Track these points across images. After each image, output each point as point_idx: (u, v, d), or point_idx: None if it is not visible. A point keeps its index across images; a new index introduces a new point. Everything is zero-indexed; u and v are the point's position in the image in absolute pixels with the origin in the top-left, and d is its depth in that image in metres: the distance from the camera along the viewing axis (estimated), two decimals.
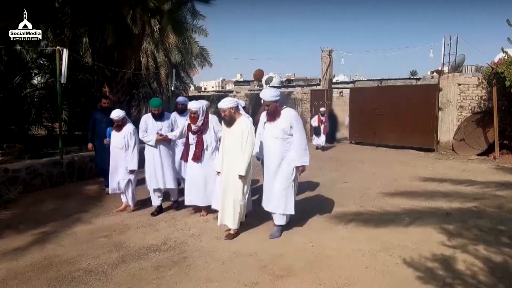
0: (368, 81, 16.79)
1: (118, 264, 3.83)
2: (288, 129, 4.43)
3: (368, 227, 4.78)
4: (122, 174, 5.55)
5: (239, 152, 4.39)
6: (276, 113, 4.49)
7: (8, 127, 10.79)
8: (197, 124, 5.12)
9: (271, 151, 4.54)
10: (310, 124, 15.16)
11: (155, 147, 5.43)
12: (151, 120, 5.52)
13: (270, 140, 4.54)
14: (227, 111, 4.49)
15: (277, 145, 4.47)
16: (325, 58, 15.56)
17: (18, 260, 3.95)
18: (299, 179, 4.94)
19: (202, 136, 5.15)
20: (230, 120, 4.52)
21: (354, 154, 11.74)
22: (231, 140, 4.49)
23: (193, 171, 5.23)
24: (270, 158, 4.56)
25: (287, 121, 4.44)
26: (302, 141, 4.46)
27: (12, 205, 5.97)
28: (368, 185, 7.20)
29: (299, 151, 4.43)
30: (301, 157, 4.45)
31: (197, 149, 5.14)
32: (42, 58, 12.59)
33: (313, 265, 3.71)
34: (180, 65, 17.80)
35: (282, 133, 4.44)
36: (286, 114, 4.50)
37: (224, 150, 4.61)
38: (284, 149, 4.46)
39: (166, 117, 5.65)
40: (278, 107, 4.50)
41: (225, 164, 4.54)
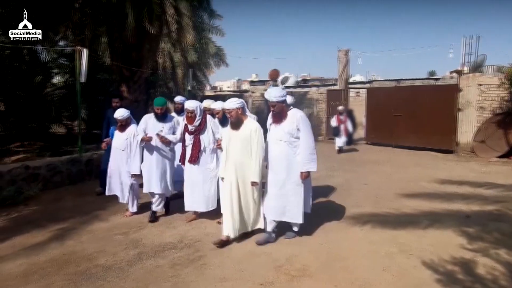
0: (385, 81, 16.62)
1: (135, 261, 3.87)
2: (295, 131, 4.13)
3: (385, 229, 4.72)
4: (126, 178, 5.36)
5: (248, 157, 4.18)
6: (282, 114, 4.20)
7: (29, 125, 11.04)
8: (194, 124, 4.83)
9: (277, 156, 4.22)
10: (327, 125, 15.09)
11: (153, 149, 5.15)
12: (152, 120, 5.21)
13: (275, 144, 4.23)
14: (234, 111, 4.22)
15: (282, 149, 4.18)
16: (341, 58, 15.45)
17: (38, 255, 4.03)
18: (313, 182, 4.83)
19: (200, 136, 4.85)
20: (237, 122, 4.25)
21: (371, 155, 11.61)
22: (238, 143, 4.22)
23: (191, 174, 4.93)
24: (275, 162, 4.24)
25: (294, 122, 4.14)
26: (309, 144, 4.14)
27: (33, 201, 6.10)
28: (384, 187, 7.11)
29: (305, 155, 4.12)
30: (307, 162, 4.12)
31: (194, 150, 4.84)
32: (62, 57, 12.86)
33: (329, 266, 3.69)
34: (196, 65, 17.90)
35: (288, 136, 4.14)
36: (293, 115, 4.20)
37: (229, 155, 4.32)
38: (291, 153, 4.16)
39: (169, 118, 5.33)
40: (284, 108, 4.21)
41: (232, 170, 4.25)
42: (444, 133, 11.78)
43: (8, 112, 11.26)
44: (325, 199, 6.23)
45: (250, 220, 4.34)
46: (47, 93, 12.20)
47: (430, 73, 40.60)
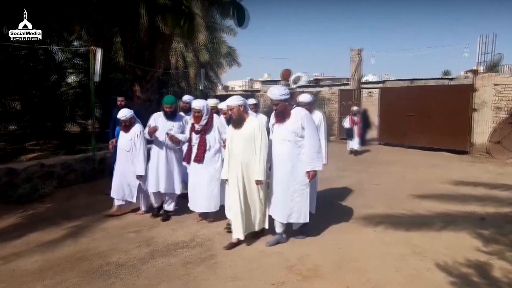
0: (398, 81, 16.44)
1: (147, 259, 3.90)
2: (300, 130, 4.04)
3: (397, 230, 4.67)
4: (132, 179, 5.29)
5: (252, 155, 4.09)
6: (285, 113, 4.10)
7: (44, 124, 11.22)
8: (201, 124, 4.81)
9: (281, 156, 4.12)
10: (339, 125, 15.01)
11: (162, 148, 5.12)
12: (161, 119, 5.16)
13: (280, 143, 4.13)
14: (236, 108, 4.15)
15: (287, 149, 4.08)
16: (354, 57, 15.34)
17: (53, 252, 4.10)
18: (324, 182, 4.81)
19: (205, 136, 4.83)
20: (238, 120, 4.17)
21: (383, 155, 11.51)
22: (241, 142, 4.13)
23: (195, 174, 4.90)
24: (280, 163, 4.14)
25: (298, 121, 4.04)
26: (314, 143, 4.06)
27: (48, 199, 6.20)
28: (397, 187, 7.04)
29: (311, 154, 4.03)
30: (313, 161, 4.04)
31: (199, 150, 4.82)
32: (77, 57, 13.03)
33: (341, 267, 3.66)
34: (208, 65, 17.97)
35: (293, 135, 4.04)
36: (297, 114, 4.10)
37: (232, 155, 4.23)
38: (296, 153, 4.07)
39: (178, 117, 5.30)
40: (287, 107, 4.12)
41: (237, 170, 4.16)
42: (458, 133, 11.61)
43: (24, 111, 11.46)
44: (336, 200, 6.18)
45: (257, 219, 4.27)
46: (62, 92, 12.38)
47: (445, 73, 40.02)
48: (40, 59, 11.57)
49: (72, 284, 3.38)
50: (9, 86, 10.83)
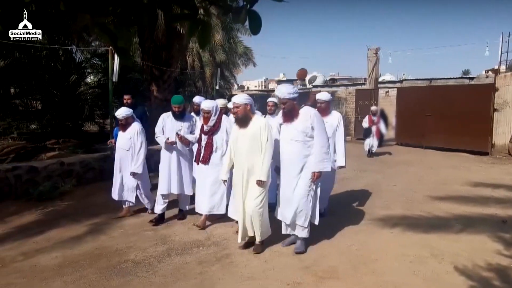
0: (417, 80, 16.17)
1: (163, 257, 3.94)
2: (309, 130, 3.89)
3: (415, 232, 4.59)
4: (131, 179, 5.17)
5: (258, 156, 3.92)
6: (293, 113, 3.96)
7: (64, 123, 11.44)
8: (209, 124, 4.74)
9: (290, 156, 3.97)
10: (355, 125, 14.88)
11: (172, 149, 5.02)
12: (170, 119, 5.07)
13: (288, 144, 3.97)
14: (242, 106, 4.00)
15: (296, 149, 3.92)
16: (371, 56, 15.18)
17: (72, 249, 4.18)
18: (341, 182, 4.75)
19: (213, 137, 4.75)
20: (244, 119, 4.03)
21: (401, 156, 11.34)
22: (246, 142, 3.98)
23: (201, 175, 4.84)
24: (288, 164, 3.99)
25: (307, 121, 3.90)
26: (324, 143, 3.90)
27: (67, 196, 6.32)
28: (415, 189, 6.93)
29: (320, 154, 3.86)
30: (321, 161, 3.86)
31: (206, 151, 4.75)
32: (95, 58, 13.25)
33: (357, 269, 3.63)
34: (224, 64, 18.06)
35: (302, 135, 3.90)
36: (306, 113, 3.96)
37: (236, 155, 4.11)
38: (305, 154, 3.91)
39: (187, 117, 5.18)
40: (295, 106, 3.98)
41: (241, 171, 4.02)
42: (478, 134, 11.36)
43: (45, 110, 11.71)
44: (353, 200, 6.12)
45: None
46: (81, 92, 12.59)
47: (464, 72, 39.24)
48: (61, 59, 11.80)
49: (91, 280, 3.44)
50: (31, 86, 11.09)
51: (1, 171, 5.98)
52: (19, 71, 10.49)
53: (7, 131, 11.22)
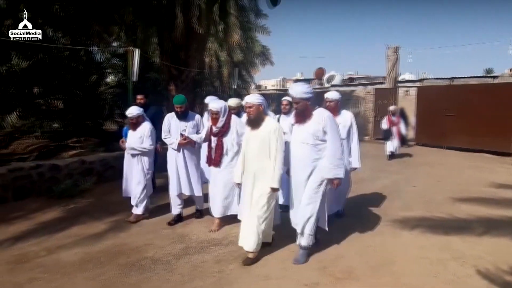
0: (437, 79, 15.83)
1: (181, 255, 3.98)
2: (321, 133, 3.70)
3: (436, 234, 4.51)
4: (137, 178, 5.13)
5: (265, 160, 3.78)
6: (306, 114, 3.78)
7: (85, 122, 11.67)
8: (218, 126, 4.57)
9: (299, 159, 3.79)
10: (373, 124, 14.70)
11: (179, 150, 4.94)
12: (174, 120, 4.99)
13: (298, 146, 3.80)
14: (254, 107, 3.84)
15: (306, 152, 3.74)
16: (390, 55, 14.97)
17: (92, 245, 4.26)
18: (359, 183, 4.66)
19: (223, 139, 4.59)
20: (256, 120, 3.87)
21: (421, 156, 11.13)
22: (256, 145, 3.84)
23: (212, 178, 4.75)
24: (298, 167, 3.81)
25: (320, 124, 3.70)
26: (336, 148, 3.69)
27: (87, 194, 6.45)
28: (435, 190, 6.79)
29: (332, 160, 3.67)
30: (334, 168, 3.66)
31: (216, 154, 4.60)
32: (115, 58, 13.48)
33: (376, 270, 3.58)
34: (242, 64, 18.08)
35: (312, 138, 3.71)
36: (319, 115, 3.76)
37: (246, 157, 3.97)
38: (315, 157, 3.72)
39: (190, 116, 5.06)
40: (308, 106, 3.78)
41: (250, 174, 3.90)
42: (501, 134, 11.06)
43: (66, 109, 11.98)
44: (372, 201, 6.05)
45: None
46: (101, 92, 12.82)
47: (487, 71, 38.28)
48: (82, 60, 12.04)
49: (110, 276, 3.50)
50: (53, 86, 11.35)
51: (25, 168, 6.15)
52: (42, 71, 10.76)
53: (31, 130, 11.51)
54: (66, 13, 10.63)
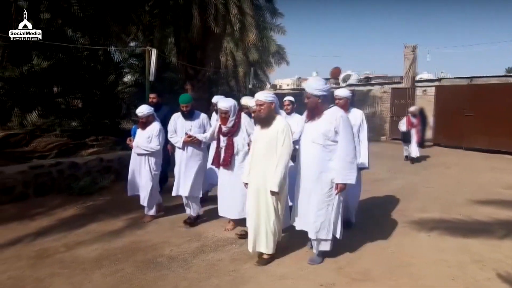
0: (456, 78, 15.53)
1: (197, 253, 4.01)
2: (332, 133, 3.51)
3: (454, 236, 4.43)
4: (144, 179, 5.06)
5: (272, 161, 3.63)
6: (315, 111, 3.60)
7: (103, 121, 11.87)
8: (227, 125, 4.43)
9: (308, 159, 3.63)
10: (390, 124, 14.53)
11: (183, 150, 4.87)
12: (180, 119, 4.92)
13: (308, 145, 3.63)
14: (266, 105, 3.66)
15: (315, 152, 3.57)
16: (408, 54, 14.76)
17: (110, 242, 4.33)
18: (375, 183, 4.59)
19: (233, 138, 4.45)
20: (267, 119, 3.69)
21: (438, 157, 10.95)
22: (264, 145, 3.69)
23: (222, 179, 4.59)
24: (305, 167, 3.65)
25: (332, 123, 3.51)
26: (348, 151, 3.50)
27: (106, 191, 6.55)
28: (454, 191, 6.67)
29: (344, 164, 3.48)
30: (345, 172, 3.48)
31: (227, 154, 4.44)
32: (133, 57, 13.67)
33: (393, 272, 3.54)
34: (257, 63, 18.11)
35: (322, 138, 3.53)
36: (332, 114, 3.56)
37: (254, 158, 3.83)
38: (325, 159, 3.54)
39: (196, 116, 4.97)
40: (319, 104, 3.58)
41: (256, 175, 3.75)
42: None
43: (85, 108, 12.20)
44: (388, 202, 5.99)
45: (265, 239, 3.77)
46: (119, 91, 13.02)
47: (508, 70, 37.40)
48: (100, 59, 12.25)
49: (128, 273, 3.55)
50: (72, 85, 11.58)
51: (45, 166, 6.29)
52: (62, 71, 10.98)
53: (51, 128, 11.77)
54: (85, 14, 10.82)
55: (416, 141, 9.78)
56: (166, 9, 10.38)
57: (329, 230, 3.60)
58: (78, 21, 11.04)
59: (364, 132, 4.61)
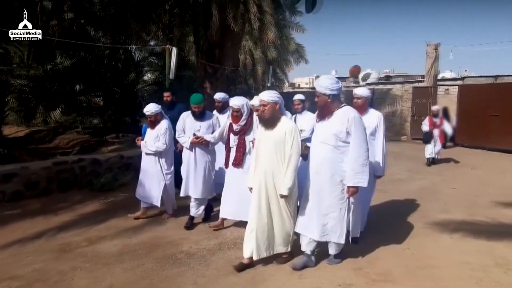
0: (480, 77, 15.15)
1: (216, 250, 4.03)
2: (344, 134, 3.36)
3: (478, 239, 4.32)
4: (156, 180, 4.96)
5: (279, 164, 3.50)
6: (325, 111, 3.47)
7: (123, 119, 12.08)
8: (240, 124, 4.32)
9: (319, 161, 3.48)
10: (411, 124, 14.29)
11: (191, 150, 4.77)
12: (189, 119, 4.82)
13: (318, 146, 3.49)
14: (269, 106, 3.51)
15: (326, 154, 3.43)
16: (430, 52, 14.49)
17: (130, 238, 4.39)
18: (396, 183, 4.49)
19: (245, 137, 4.33)
20: (271, 119, 3.55)
21: (461, 157, 10.66)
22: (269, 147, 3.55)
23: (232, 179, 4.42)
24: (317, 169, 3.50)
25: (344, 124, 3.36)
26: (360, 153, 3.36)
27: (126, 188, 6.64)
28: (478, 193, 6.50)
29: (355, 166, 3.35)
30: (356, 174, 3.34)
31: (238, 153, 4.34)
32: (152, 56, 13.85)
33: (413, 273, 3.48)
34: (276, 62, 18.07)
35: (334, 139, 3.39)
36: (344, 115, 3.41)
37: (258, 160, 3.67)
38: (337, 160, 3.41)
39: (207, 116, 4.87)
40: (329, 103, 3.44)
41: (259, 178, 3.59)
42: None
43: (106, 106, 12.45)
44: (409, 202, 5.88)
45: (276, 241, 3.64)
46: (139, 89, 13.24)
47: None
48: (121, 58, 12.47)
49: (148, 268, 3.60)
50: (94, 84, 11.82)
51: (68, 162, 6.44)
52: (84, 69, 11.23)
53: (73, 126, 12.04)
54: (107, 13, 11.02)
55: (439, 142, 9.25)
56: (186, 8, 10.48)
57: (341, 234, 3.50)
58: (100, 21, 11.26)
59: (379, 137, 4.28)
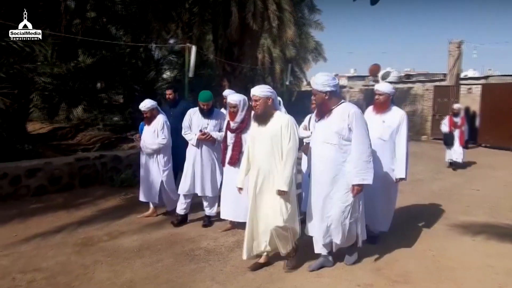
0: (505, 76, 14.74)
1: (233, 247, 4.05)
2: (346, 131, 3.24)
3: (502, 242, 4.21)
4: (155, 177, 4.92)
5: (275, 161, 3.36)
6: (323, 109, 3.36)
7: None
8: (236, 121, 4.20)
9: (321, 162, 3.36)
10: (432, 123, 14.02)
11: (198, 148, 4.65)
12: (197, 116, 4.68)
13: (319, 146, 3.38)
14: (261, 100, 3.37)
15: (329, 154, 3.30)
16: (453, 51, 14.17)
17: (150, 234, 4.45)
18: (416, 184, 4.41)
19: (241, 135, 4.20)
20: (264, 115, 3.41)
21: (484, 158, 10.41)
22: (264, 143, 3.41)
23: (228, 178, 4.29)
24: (318, 170, 3.39)
25: (344, 120, 3.24)
26: (363, 149, 3.23)
27: None
28: (501, 194, 6.34)
29: (359, 164, 3.22)
30: (360, 172, 3.21)
31: (234, 151, 4.21)
32: (172, 54, 13.99)
33: (434, 275, 3.42)
34: (294, 60, 18.01)
35: (337, 137, 3.26)
36: (343, 111, 3.28)
37: (252, 158, 3.54)
38: (340, 160, 3.28)
39: (215, 114, 4.75)
40: (326, 100, 3.32)
41: (254, 177, 3.47)
42: None
43: (126, 104, 12.65)
44: (430, 203, 5.78)
45: (277, 240, 3.46)
46: (158, 87, 13.39)
47: None
48: (141, 56, 12.63)
49: (167, 264, 3.65)
50: (114, 81, 12.02)
51: (90, 158, 6.59)
52: (105, 67, 11.43)
53: (94, 123, 12.28)
54: (128, 12, 11.19)
55: (459, 144, 8.59)
56: (205, 6, 10.55)
57: (349, 237, 3.44)
58: (121, 19, 11.43)
59: (402, 137, 4.02)
